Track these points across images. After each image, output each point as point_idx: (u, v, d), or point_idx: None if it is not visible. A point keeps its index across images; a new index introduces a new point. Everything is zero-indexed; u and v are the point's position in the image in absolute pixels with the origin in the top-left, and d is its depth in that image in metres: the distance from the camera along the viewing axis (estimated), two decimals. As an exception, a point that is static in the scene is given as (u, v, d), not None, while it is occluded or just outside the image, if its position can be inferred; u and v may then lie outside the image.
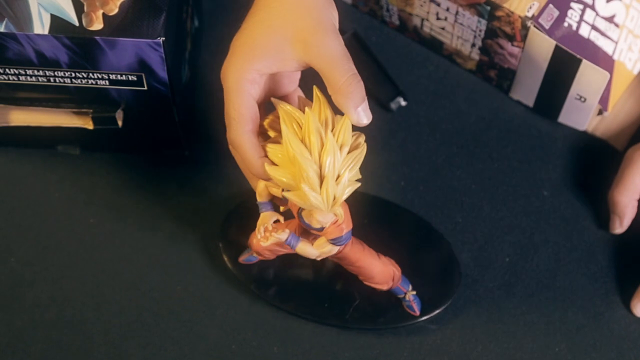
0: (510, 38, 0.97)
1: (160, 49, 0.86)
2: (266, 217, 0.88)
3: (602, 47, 0.97)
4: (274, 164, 0.82)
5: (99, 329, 0.94)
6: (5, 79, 0.90)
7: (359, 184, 0.81)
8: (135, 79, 0.89)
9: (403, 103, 1.04)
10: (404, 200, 1.00)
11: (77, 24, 0.85)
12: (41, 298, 0.95)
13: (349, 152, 0.80)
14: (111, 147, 1.01)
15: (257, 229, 0.88)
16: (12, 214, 0.99)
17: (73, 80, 0.90)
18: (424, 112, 1.05)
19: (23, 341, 0.93)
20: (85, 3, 0.86)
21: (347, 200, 0.82)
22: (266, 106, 0.85)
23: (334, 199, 0.80)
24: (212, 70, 1.05)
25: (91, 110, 0.93)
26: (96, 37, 0.85)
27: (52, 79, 0.90)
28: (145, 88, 0.90)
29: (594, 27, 0.96)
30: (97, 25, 0.85)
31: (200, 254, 0.97)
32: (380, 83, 1.05)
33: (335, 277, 0.94)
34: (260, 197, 0.88)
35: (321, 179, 0.79)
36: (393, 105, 1.04)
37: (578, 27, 0.95)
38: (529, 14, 0.94)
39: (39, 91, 0.92)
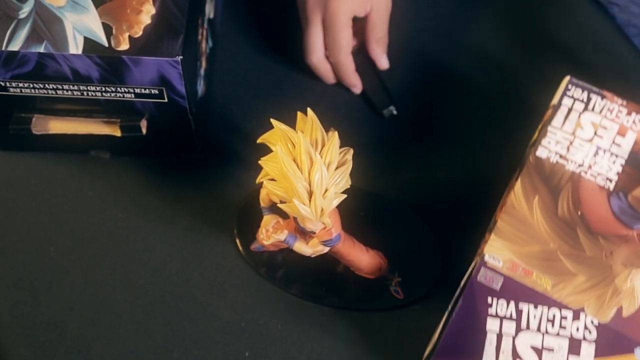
0: None
1: (179, 67, 0.86)
2: (267, 220, 0.90)
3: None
4: (272, 179, 0.82)
5: (127, 309, 0.94)
6: (45, 93, 0.90)
7: (344, 196, 0.81)
8: (157, 92, 0.90)
9: (395, 112, 1.04)
10: (392, 196, 1.00)
11: (106, 44, 0.86)
12: (76, 282, 0.95)
13: (336, 169, 0.80)
14: (136, 152, 1.01)
15: (259, 229, 0.90)
16: (51, 210, 0.99)
17: (103, 93, 0.90)
18: (412, 120, 1.05)
19: (61, 320, 0.93)
20: (113, 27, 0.87)
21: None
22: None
23: (322, 210, 0.80)
24: (225, 85, 1.07)
25: (119, 120, 0.94)
26: (123, 56, 0.86)
27: (85, 93, 0.90)
28: (166, 100, 0.91)
29: (514, 350, 0.84)
30: (124, 45, 0.86)
31: (214, 244, 0.97)
32: (376, 92, 1.05)
33: (333, 264, 0.94)
34: (263, 203, 0.89)
35: (310, 194, 0.79)
36: (385, 113, 1.05)
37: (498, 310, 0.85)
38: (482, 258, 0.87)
39: (73, 103, 0.92)
